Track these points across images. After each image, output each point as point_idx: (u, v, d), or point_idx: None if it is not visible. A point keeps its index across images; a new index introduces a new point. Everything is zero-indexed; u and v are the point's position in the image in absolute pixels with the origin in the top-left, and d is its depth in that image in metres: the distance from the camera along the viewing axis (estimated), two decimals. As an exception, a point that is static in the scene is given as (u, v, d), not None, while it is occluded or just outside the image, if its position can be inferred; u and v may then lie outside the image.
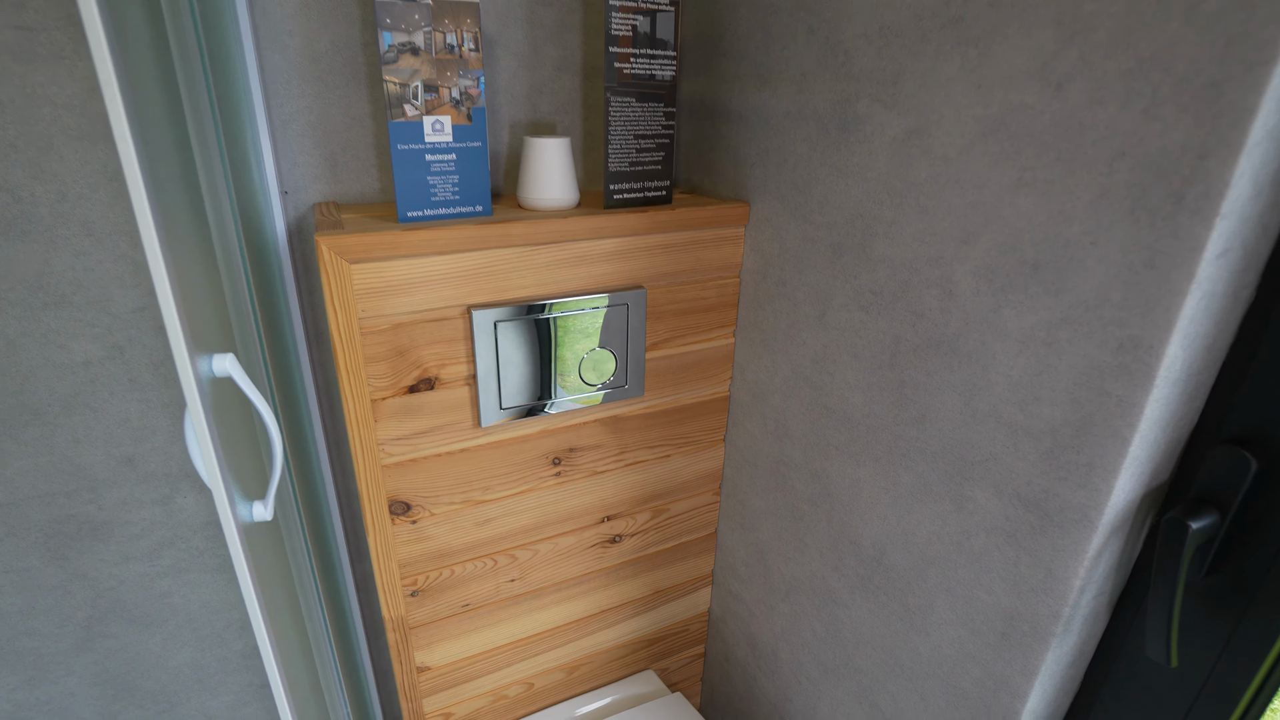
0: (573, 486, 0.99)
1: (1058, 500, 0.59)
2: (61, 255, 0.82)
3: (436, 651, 0.99)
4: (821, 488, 0.89)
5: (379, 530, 0.87)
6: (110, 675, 1.04)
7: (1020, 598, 0.64)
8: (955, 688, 0.73)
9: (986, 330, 0.63)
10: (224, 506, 0.56)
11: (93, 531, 0.96)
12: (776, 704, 1.08)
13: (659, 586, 1.16)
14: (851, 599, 0.87)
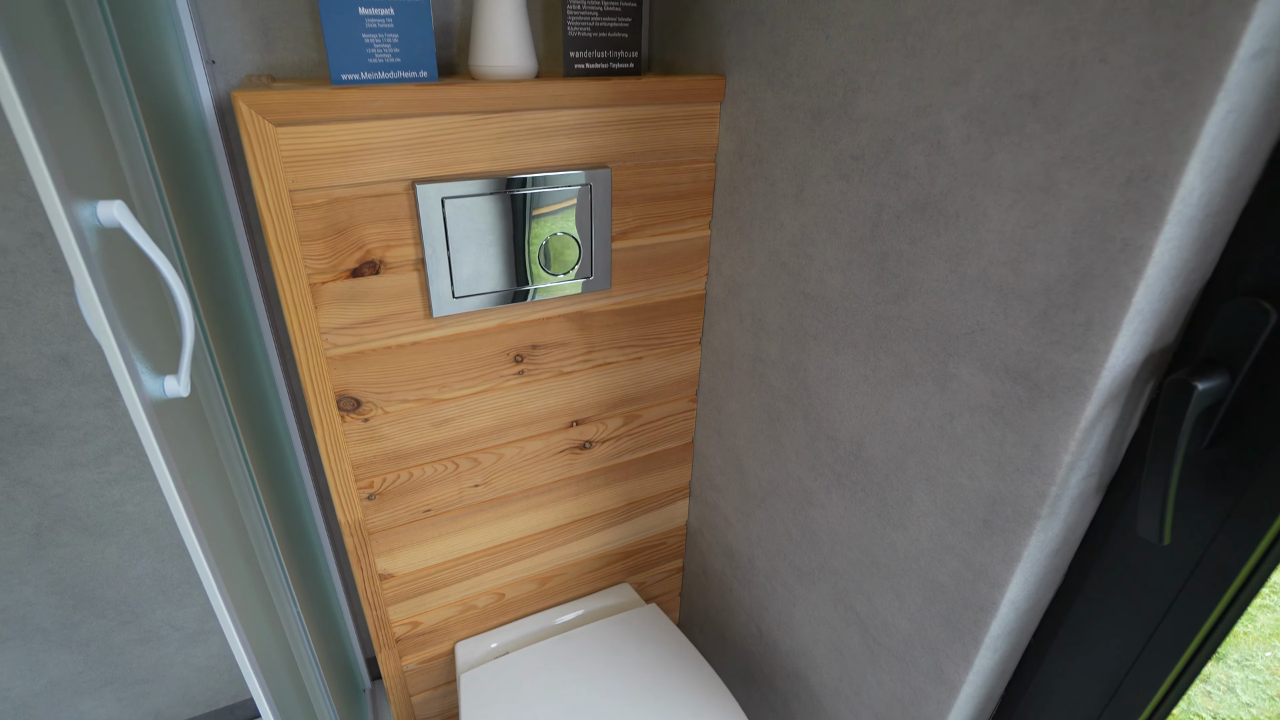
0: (537, 387, 0.94)
1: (1050, 368, 0.53)
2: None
3: (399, 559, 0.96)
4: (799, 382, 0.83)
5: (327, 428, 0.82)
6: (67, 584, 1.01)
7: (1004, 480, 0.59)
8: (932, 582, 0.69)
9: (977, 183, 0.56)
10: (119, 368, 0.50)
11: (31, 435, 0.91)
12: (753, 613, 1.05)
13: (633, 497, 1.12)
14: (828, 498, 0.82)
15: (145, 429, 0.53)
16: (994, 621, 0.64)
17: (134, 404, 0.52)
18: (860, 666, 0.83)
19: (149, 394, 0.55)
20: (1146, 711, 0.63)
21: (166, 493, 0.56)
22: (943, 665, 0.70)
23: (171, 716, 1.19)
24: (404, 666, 1.06)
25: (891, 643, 0.77)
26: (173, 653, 1.14)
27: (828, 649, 0.88)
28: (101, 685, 1.11)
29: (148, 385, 0.55)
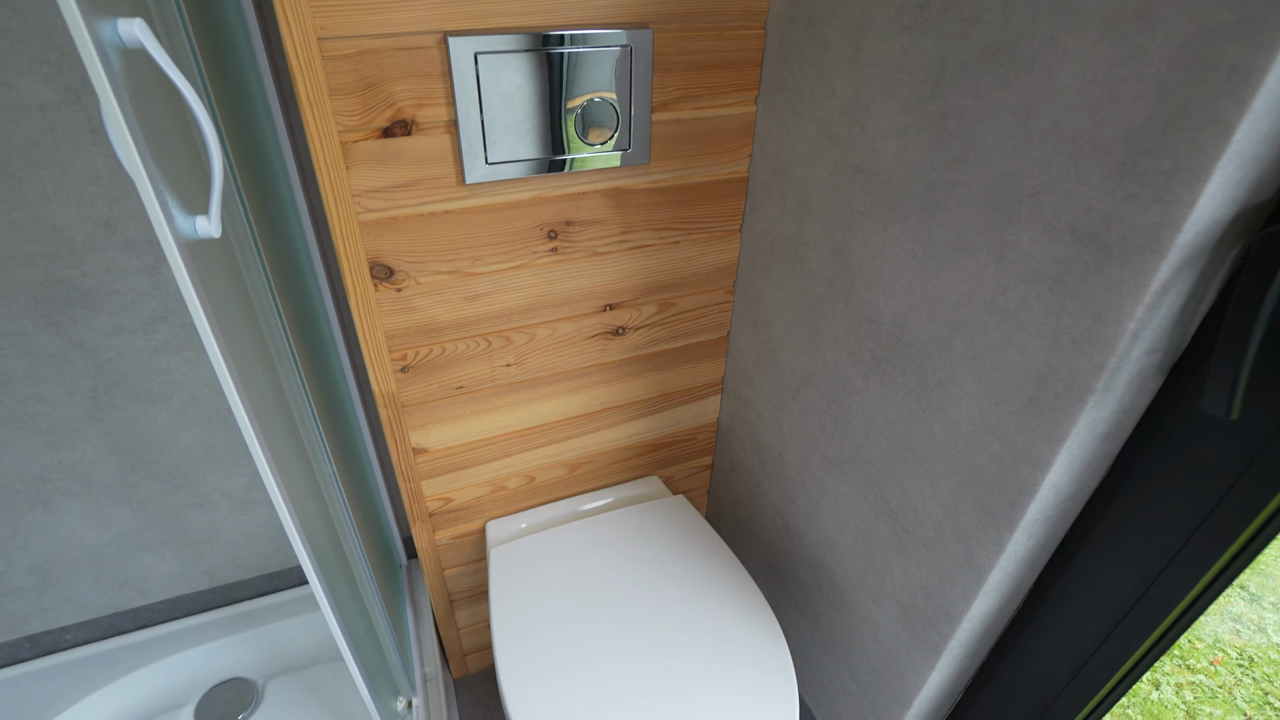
0: (571, 267, 0.92)
1: (1123, 225, 0.48)
2: (-14, -36, 0.72)
3: (431, 434, 0.97)
4: (841, 264, 0.80)
5: (360, 295, 0.82)
6: (124, 446, 1.07)
7: (1058, 353, 0.55)
8: (969, 466, 0.67)
9: (1058, 19, 0.50)
10: (149, 195, 0.49)
11: (81, 299, 0.93)
12: (780, 507, 1.06)
13: (665, 389, 1.12)
14: (865, 385, 0.80)
15: (178, 263, 0.53)
16: (1032, 505, 0.62)
17: (165, 235, 0.51)
18: (886, 555, 0.82)
19: (181, 231, 0.55)
20: (1177, 610, 0.62)
21: (201, 331, 0.56)
22: (973, 550, 0.69)
23: (225, 577, 1.28)
24: (436, 540, 1.10)
25: (921, 530, 0.76)
26: (223, 518, 1.20)
27: (854, 539, 0.88)
28: (161, 543, 1.18)
29: (179, 223, 0.55)
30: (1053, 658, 0.72)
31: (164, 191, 0.51)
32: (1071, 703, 0.73)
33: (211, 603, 1.29)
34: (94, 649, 1.22)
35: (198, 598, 1.28)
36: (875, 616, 0.87)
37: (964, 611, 0.72)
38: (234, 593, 1.30)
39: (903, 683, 0.84)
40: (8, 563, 1.10)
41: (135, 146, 0.48)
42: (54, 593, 1.16)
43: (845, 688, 0.97)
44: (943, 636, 0.76)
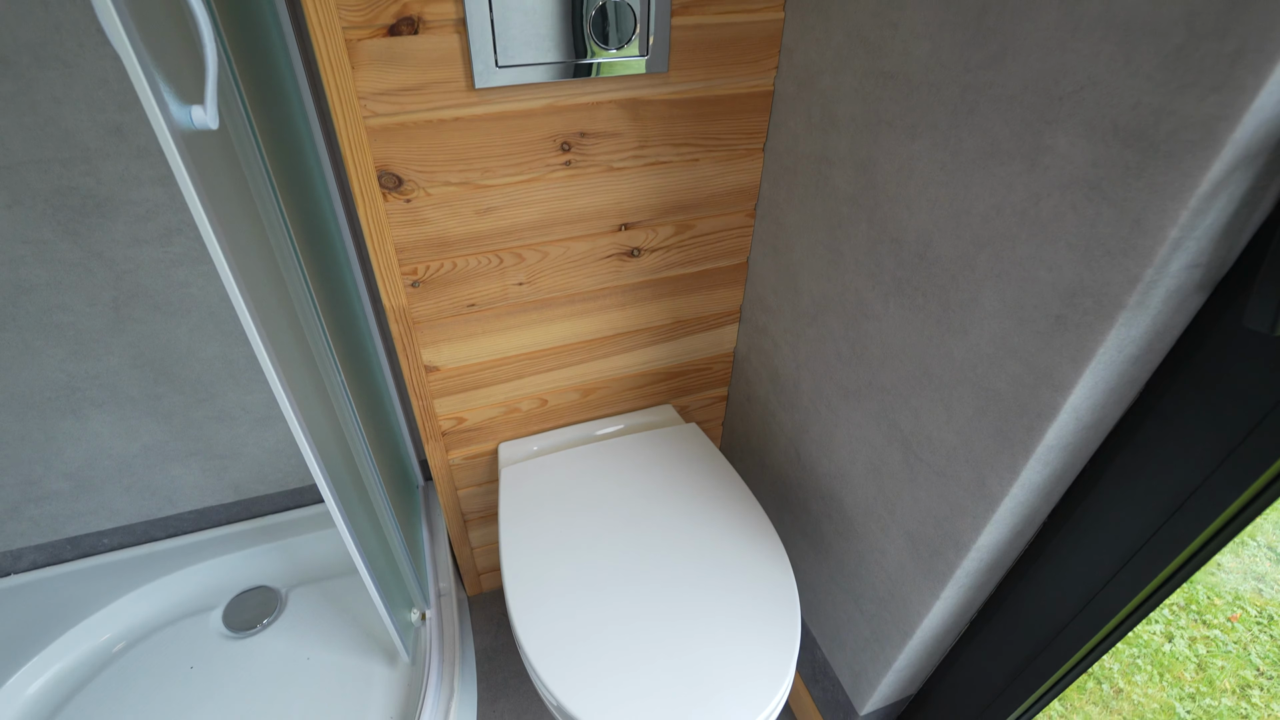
0: (585, 182, 0.89)
1: (1173, 121, 0.44)
2: None
3: (444, 352, 0.97)
4: (866, 181, 0.75)
5: (369, 206, 0.81)
6: (147, 359, 1.09)
7: (1090, 266, 0.52)
8: (987, 390, 0.64)
9: (1124, -117, 0.44)
10: (138, 77, 0.48)
11: (97, 208, 0.93)
12: (793, 437, 1.04)
13: (681, 316, 1.09)
14: (884, 308, 0.77)
15: (173, 154, 0.52)
16: (1050, 430, 0.59)
17: (155, 116, 0.50)
18: (897, 484, 0.81)
19: (175, 118, 0.53)
20: (1195, 543, 0.59)
21: (199, 222, 0.55)
22: (986, 478, 0.67)
23: (249, 491, 1.32)
24: (450, 460, 1.12)
25: (933, 458, 0.74)
26: (245, 433, 1.23)
27: (865, 468, 0.87)
28: (187, 455, 1.22)
29: (174, 111, 0.53)
30: (1062, 592, 0.71)
31: (153, 71, 0.50)
32: (1077, 637, 0.72)
33: (237, 515, 1.34)
34: (129, 554, 1.28)
35: (224, 510, 1.32)
36: (883, 546, 0.86)
37: (973, 540, 0.71)
38: (258, 506, 1.35)
39: (907, 612, 0.84)
40: (44, 468, 1.14)
41: (120, 21, 0.46)
42: (89, 499, 1.21)
43: (850, 616, 0.98)
44: (949, 565, 0.75)
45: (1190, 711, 1.63)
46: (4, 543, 1.20)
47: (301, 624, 1.23)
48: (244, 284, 0.61)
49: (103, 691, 1.12)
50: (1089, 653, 0.74)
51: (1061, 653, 0.74)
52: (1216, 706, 1.64)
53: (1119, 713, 1.63)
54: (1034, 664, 0.78)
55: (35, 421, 1.08)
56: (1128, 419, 0.59)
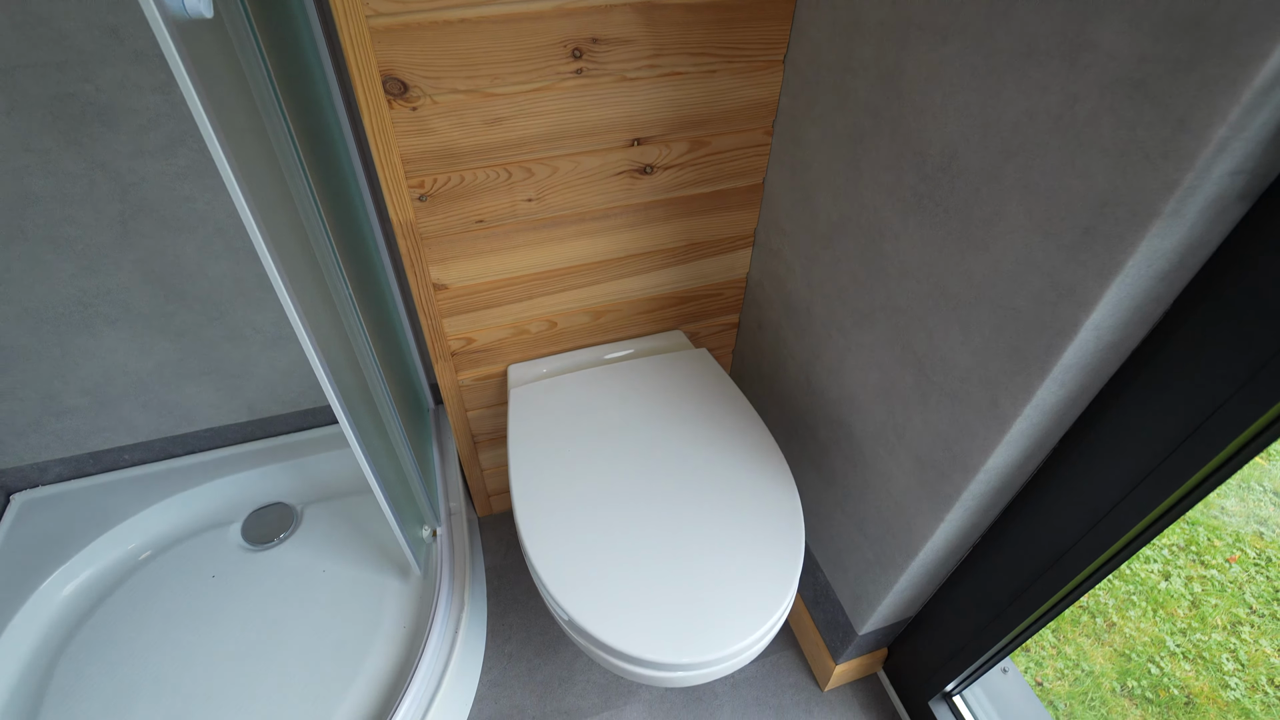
0: (597, 92, 0.85)
1: (1232, 5, 0.41)
2: None
3: (452, 270, 0.96)
4: (892, 90, 0.72)
5: (374, 112, 0.78)
6: (157, 275, 1.08)
7: (1125, 173, 0.49)
8: (1006, 308, 0.63)
9: None
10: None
11: (98, 115, 0.91)
12: (804, 364, 1.03)
13: (694, 239, 1.07)
14: (903, 226, 0.74)
15: (166, 41, 0.50)
16: (1069, 348, 0.58)
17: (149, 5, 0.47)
18: (908, 407, 0.80)
19: (168, 6, 0.51)
20: (1206, 469, 0.58)
21: (200, 123, 0.53)
22: (999, 398, 0.66)
23: (263, 410, 1.34)
24: (460, 381, 1.12)
25: (946, 380, 0.73)
26: (257, 353, 1.24)
27: (876, 392, 0.86)
28: (201, 374, 1.23)
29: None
30: (1068, 516, 0.71)
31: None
32: (1078, 561, 0.72)
33: (252, 434, 1.36)
34: (149, 469, 1.32)
35: (239, 429, 1.35)
36: (890, 470, 0.86)
37: (981, 463, 0.70)
38: (273, 426, 1.37)
39: (911, 535, 0.85)
40: (62, 383, 1.16)
41: None
42: (108, 414, 1.23)
43: (853, 541, 0.99)
44: (956, 488, 0.75)
45: (1179, 645, 1.67)
46: (30, 455, 1.23)
47: (317, 539, 1.27)
48: (249, 191, 0.59)
49: (131, 596, 1.17)
50: (1088, 577, 0.75)
51: (1061, 577, 0.75)
52: (1206, 641, 1.67)
53: (1109, 644, 1.67)
54: (1034, 587, 0.79)
55: (50, 336, 1.09)
56: (1151, 339, 0.58)
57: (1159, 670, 1.62)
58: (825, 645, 1.15)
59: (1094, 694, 1.58)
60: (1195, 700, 1.56)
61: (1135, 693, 1.58)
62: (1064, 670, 1.61)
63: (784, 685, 1.18)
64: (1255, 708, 1.54)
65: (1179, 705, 1.55)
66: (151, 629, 1.13)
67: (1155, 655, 1.65)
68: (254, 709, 1.03)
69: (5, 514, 1.24)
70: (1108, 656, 1.65)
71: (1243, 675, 1.61)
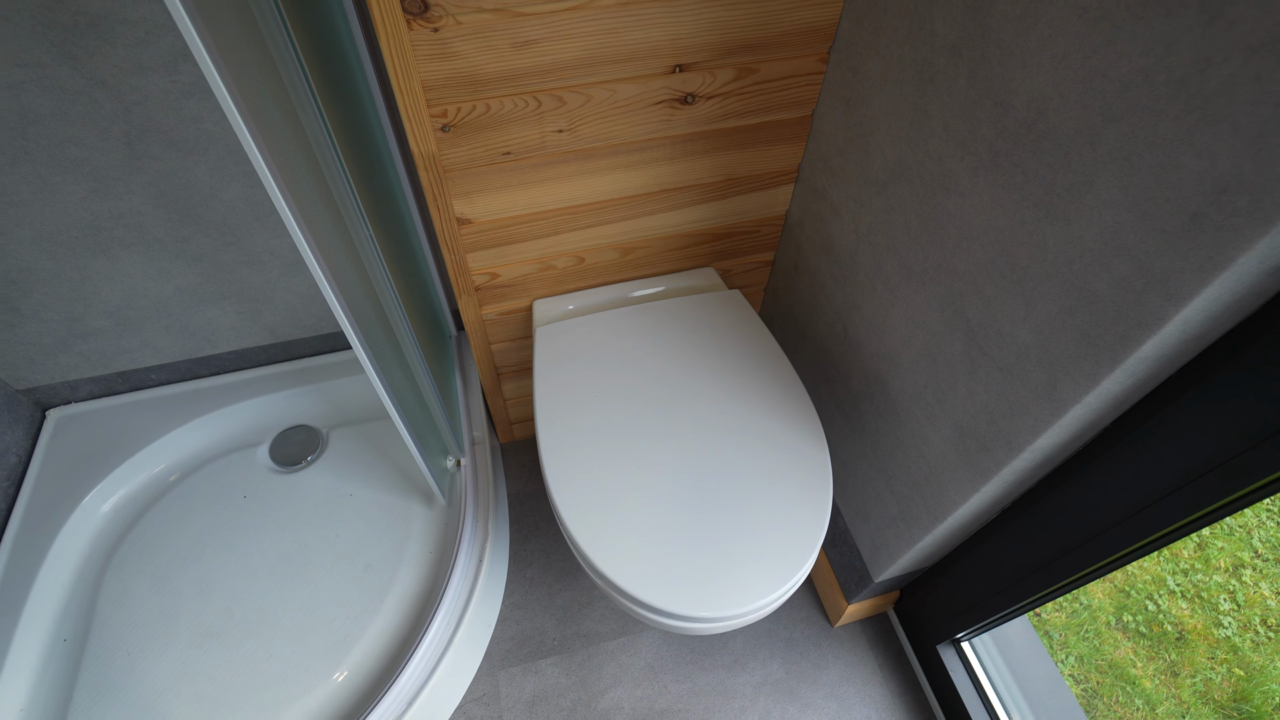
0: (637, 11, 0.76)
1: None
2: None
3: (477, 204, 0.90)
4: (977, 25, 0.63)
5: (392, 33, 0.70)
6: (169, 199, 1.04)
7: (1257, 157, 0.43)
8: (1081, 289, 0.58)
9: None
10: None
11: (91, 26, 0.83)
12: (842, 312, 0.99)
13: (733, 174, 1.00)
14: (973, 183, 0.68)
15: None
16: (1149, 342, 0.53)
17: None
18: (953, 375, 0.77)
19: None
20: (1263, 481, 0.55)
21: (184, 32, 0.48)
22: (1058, 382, 0.62)
23: (285, 334, 1.32)
24: (483, 315, 1.09)
25: (1000, 353, 0.69)
26: (276, 278, 1.20)
27: (919, 354, 0.82)
28: (220, 298, 1.21)
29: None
30: (1109, 502, 0.69)
31: None
32: (1107, 546, 0.71)
33: (275, 357, 1.36)
34: (176, 388, 1.32)
35: (262, 351, 1.34)
36: (926, 433, 0.84)
37: (1029, 442, 0.67)
38: (295, 349, 1.36)
39: (942, 499, 0.84)
40: (84, 306, 1.14)
41: None
42: (131, 336, 1.22)
43: (879, 494, 0.98)
44: (997, 463, 0.72)
45: (1179, 584, 1.70)
46: (60, 374, 1.24)
47: (343, 463, 1.29)
48: (248, 110, 0.54)
49: (169, 512, 1.21)
50: (1120, 558, 0.73)
51: (1093, 555, 0.74)
52: (1206, 582, 1.70)
53: (1110, 580, 1.70)
54: (1062, 559, 0.78)
55: (67, 260, 1.06)
56: (1240, 331, 0.53)
57: (1155, 607, 1.65)
58: (839, 585, 1.17)
59: (1089, 626, 1.62)
60: (1187, 636, 1.60)
61: (1129, 627, 1.62)
62: (1062, 603, 1.65)
63: (795, 619, 1.21)
64: (1244, 645, 1.59)
65: (1170, 640, 1.60)
66: (190, 544, 1.17)
67: (1154, 593, 1.68)
68: (290, 624, 1.08)
69: (43, 429, 1.26)
70: (1107, 592, 1.68)
71: (1237, 615, 1.64)
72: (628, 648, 1.17)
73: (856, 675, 1.15)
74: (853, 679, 1.15)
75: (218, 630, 1.08)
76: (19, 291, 1.09)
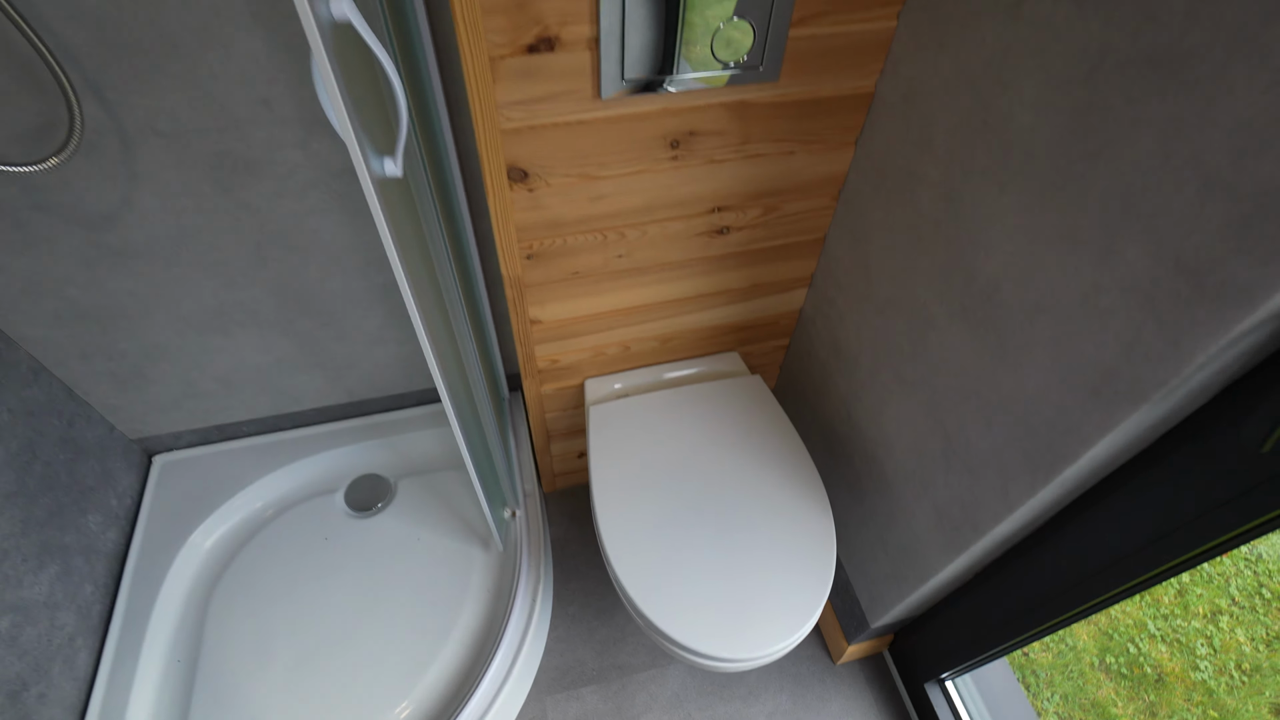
0: (688, 172, 0.97)
1: (1224, 274, 0.53)
2: None
3: (548, 309, 1.10)
4: (951, 211, 0.83)
5: (498, 195, 0.91)
6: (283, 290, 1.24)
7: (1129, 361, 0.62)
8: (1024, 423, 0.77)
9: (1236, 50, 0.50)
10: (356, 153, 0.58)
11: (247, 167, 1.04)
12: (846, 399, 1.18)
13: (757, 281, 1.20)
14: (949, 326, 0.87)
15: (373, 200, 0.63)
16: (1070, 469, 0.72)
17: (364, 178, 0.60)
18: (933, 467, 0.96)
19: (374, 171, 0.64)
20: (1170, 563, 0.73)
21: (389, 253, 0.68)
22: (1009, 487, 0.81)
23: (360, 394, 1.52)
24: (543, 391, 1.28)
25: (968, 458, 0.88)
26: (359, 350, 1.40)
27: (908, 446, 1.01)
28: (312, 367, 1.41)
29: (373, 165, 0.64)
30: (1060, 568, 0.87)
31: (367, 148, 0.60)
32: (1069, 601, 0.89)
33: (350, 413, 1.56)
34: (264, 439, 1.52)
35: (340, 409, 1.54)
36: (913, 510, 1.03)
37: (989, 529, 0.86)
38: (367, 407, 1.56)
39: (925, 564, 1.02)
40: (199, 373, 1.34)
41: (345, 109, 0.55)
42: (233, 397, 1.42)
43: (874, 554, 1.17)
44: (966, 541, 0.91)
45: (1160, 629, 1.86)
46: (168, 426, 1.44)
47: (410, 510, 1.48)
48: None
49: (261, 551, 1.40)
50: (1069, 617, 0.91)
51: (1049, 611, 0.92)
52: (1185, 627, 1.86)
53: (1094, 623, 1.87)
54: (1033, 612, 0.96)
55: (193, 337, 1.27)
56: (1139, 461, 0.72)
57: (1136, 649, 1.81)
58: (841, 628, 1.35)
59: (1074, 666, 1.78)
60: (1165, 679, 1.76)
61: (1112, 668, 1.78)
62: (1049, 643, 1.81)
63: (802, 657, 1.39)
64: (1219, 689, 1.74)
65: (1150, 682, 1.75)
66: (280, 579, 1.36)
67: (1136, 636, 1.84)
68: (368, 653, 1.26)
69: (150, 473, 1.46)
70: (1091, 634, 1.84)
71: (1214, 660, 1.80)
72: (657, 679, 1.35)
73: (855, 709, 1.33)
74: (852, 712, 1.32)
75: (308, 656, 1.26)
76: (150, 362, 1.29)
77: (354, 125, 0.57)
